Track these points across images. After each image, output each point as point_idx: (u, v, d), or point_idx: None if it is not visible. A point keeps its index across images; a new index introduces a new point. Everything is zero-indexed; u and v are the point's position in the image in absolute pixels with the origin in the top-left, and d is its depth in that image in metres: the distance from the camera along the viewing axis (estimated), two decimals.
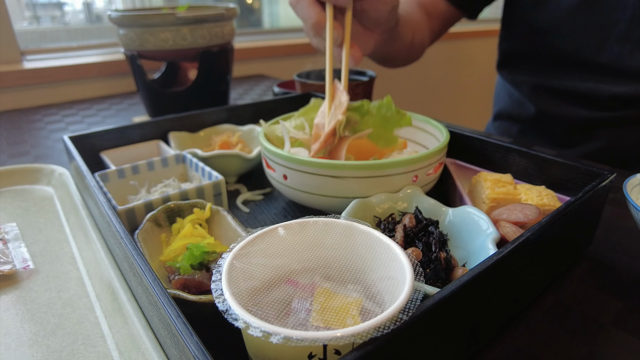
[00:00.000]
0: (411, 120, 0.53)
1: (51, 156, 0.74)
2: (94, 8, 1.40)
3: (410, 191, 0.45)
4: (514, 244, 0.31)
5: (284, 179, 0.47)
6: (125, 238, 0.34)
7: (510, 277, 0.33)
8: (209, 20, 0.81)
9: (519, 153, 0.49)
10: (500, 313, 0.34)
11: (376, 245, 0.30)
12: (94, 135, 0.58)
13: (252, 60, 1.46)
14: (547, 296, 0.39)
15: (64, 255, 0.44)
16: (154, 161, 0.55)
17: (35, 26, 1.29)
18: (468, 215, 0.40)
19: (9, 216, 0.51)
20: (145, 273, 0.30)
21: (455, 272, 0.35)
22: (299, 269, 0.31)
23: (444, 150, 0.48)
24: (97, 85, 1.18)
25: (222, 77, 0.91)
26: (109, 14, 0.81)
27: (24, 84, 1.08)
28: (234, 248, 0.28)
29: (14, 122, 0.95)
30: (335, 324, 0.25)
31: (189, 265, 0.37)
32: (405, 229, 0.39)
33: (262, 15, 1.78)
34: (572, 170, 0.45)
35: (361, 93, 0.81)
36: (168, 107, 0.86)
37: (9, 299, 0.38)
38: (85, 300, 0.38)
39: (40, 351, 0.32)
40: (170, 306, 0.26)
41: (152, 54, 0.83)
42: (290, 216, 0.53)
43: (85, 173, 0.45)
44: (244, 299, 0.26)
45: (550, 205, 0.41)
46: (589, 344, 0.34)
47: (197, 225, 0.43)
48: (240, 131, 0.67)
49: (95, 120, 0.95)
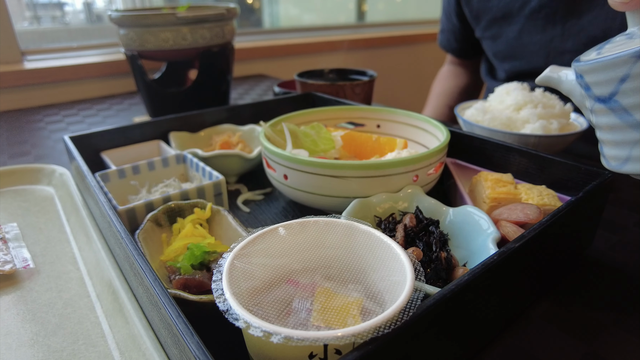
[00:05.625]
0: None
1: (52, 156, 0.74)
2: (94, 8, 1.40)
3: (411, 191, 0.45)
4: (515, 243, 0.31)
5: (284, 178, 0.47)
6: (125, 238, 0.34)
7: (511, 277, 0.33)
8: (210, 20, 0.81)
9: (520, 153, 0.49)
10: (500, 313, 0.34)
11: (377, 245, 0.30)
12: (94, 135, 0.58)
13: (253, 60, 1.46)
14: (548, 296, 0.39)
15: (65, 255, 0.44)
16: (154, 161, 0.55)
17: (36, 26, 1.29)
18: (469, 215, 0.40)
19: (9, 216, 0.51)
20: (146, 273, 0.30)
21: (455, 272, 0.35)
22: (299, 268, 0.31)
23: (444, 150, 0.48)
24: (97, 85, 1.18)
25: (223, 77, 0.91)
26: (109, 14, 0.81)
27: (25, 84, 1.08)
28: (234, 248, 0.28)
29: (15, 122, 0.95)
30: (335, 323, 0.25)
31: (190, 265, 0.37)
32: (406, 229, 0.39)
33: (263, 15, 1.78)
34: (572, 170, 0.45)
35: (361, 93, 0.81)
36: (168, 107, 0.86)
37: (10, 299, 0.38)
38: (86, 300, 0.38)
39: (41, 351, 0.32)
40: (170, 306, 0.26)
41: (153, 54, 0.83)
42: (291, 216, 0.53)
43: (86, 173, 0.45)
44: (245, 298, 0.26)
45: (551, 204, 0.41)
46: (589, 344, 0.34)
47: (197, 225, 0.43)
48: (240, 131, 0.67)
49: (96, 120, 0.96)
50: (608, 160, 0.34)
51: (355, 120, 0.63)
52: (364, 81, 0.81)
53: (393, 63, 1.88)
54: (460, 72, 1.13)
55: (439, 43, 1.11)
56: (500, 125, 0.65)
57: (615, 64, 0.30)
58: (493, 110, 0.68)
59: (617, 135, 0.32)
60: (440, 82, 1.15)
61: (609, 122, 0.32)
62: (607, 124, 0.33)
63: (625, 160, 0.32)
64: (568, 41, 0.77)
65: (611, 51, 0.31)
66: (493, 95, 0.73)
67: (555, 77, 0.38)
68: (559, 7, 0.76)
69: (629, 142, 0.31)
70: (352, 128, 0.63)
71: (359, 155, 0.56)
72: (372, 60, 1.80)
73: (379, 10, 2.11)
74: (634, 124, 0.31)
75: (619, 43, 0.32)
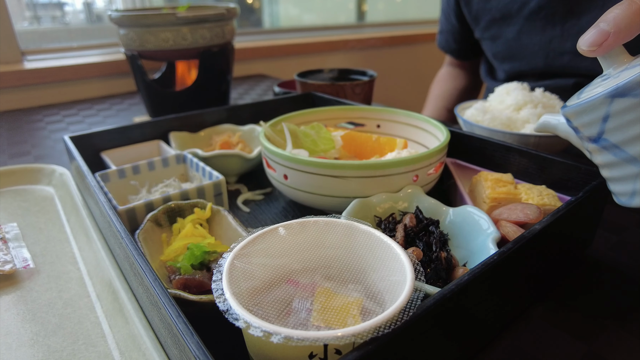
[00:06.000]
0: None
1: (52, 156, 0.74)
2: (94, 8, 1.40)
3: (411, 191, 0.45)
4: (515, 243, 0.31)
5: (284, 178, 0.47)
6: (125, 238, 0.34)
7: (511, 277, 0.33)
8: (210, 20, 0.81)
9: (520, 152, 0.49)
10: (500, 313, 0.34)
11: (377, 245, 0.30)
12: (94, 135, 0.58)
13: (253, 60, 1.46)
14: (548, 296, 0.39)
15: (65, 255, 0.44)
16: (154, 161, 0.55)
17: (36, 26, 1.29)
18: (469, 215, 0.40)
19: (9, 216, 0.51)
20: (146, 273, 0.30)
21: (455, 272, 0.35)
22: (299, 268, 0.31)
23: (444, 150, 0.48)
24: (97, 85, 1.18)
25: (223, 77, 0.91)
26: (109, 14, 0.81)
27: (25, 84, 1.08)
28: (234, 248, 0.28)
29: (15, 122, 0.95)
30: (335, 323, 0.25)
31: (190, 265, 0.37)
32: (406, 229, 0.39)
33: (263, 15, 1.78)
34: (572, 170, 0.45)
35: (361, 93, 0.81)
36: (168, 107, 0.86)
37: (10, 299, 0.38)
38: (86, 300, 0.38)
39: (41, 351, 0.32)
40: (171, 306, 0.26)
41: (153, 54, 0.83)
42: (291, 216, 0.53)
43: (86, 173, 0.45)
44: (245, 298, 0.26)
45: (551, 204, 0.41)
46: (589, 344, 0.34)
47: (197, 225, 0.43)
48: (240, 131, 0.67)
49: (96, 120, 0.96)
50: (618, 197, 0.35)
51: (355, 120, 0.63)
52: (364, 81, 0.81)
53: (393, 63, 1.88)
54: (459, 74, 1.13)
55: (437, 44, 1.10)
56: (500, 125, 0.65)
57: (594, 106, 0.31)
58: (493, 110, 0.68)
59: (617, 171, 0.33)
60: (439, 84, 1.15)
61: (606, 160, 0.33)
62: (605, 162, 0.33)
63: (632, 195, 0.33)
64: (567, 42, 0.77)
65: (590, 94, 0.33)
66: (493, 95, 0.73)
67: (552, 123, 0.39)
68: (558, 8, 0.76)
69: (630, 177, 0.32)
70: (352, 128, 0.63)
71: (359, 155, 0.56)
72: (372, 60, 1.80)
73: (379, 10, 2.11)
74: (629, 158, 0.31)
75: (596, 85, 0.34)
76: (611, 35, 0.31)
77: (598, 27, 0.32)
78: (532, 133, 0.61)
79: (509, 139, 0.61)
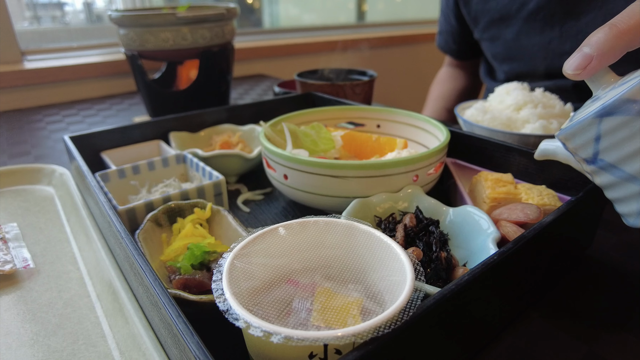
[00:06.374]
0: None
1: (52, 156, 0.74)
2: (94, 8, 1.40)
3: (411, 191, 0.45)
4: (515, 243, 0.31)
5: (284, 178, 0.47)
6: (125, 238, 0.34)
7: (511, 277, 0.33)
8: (210, 20, 0.81)
9: (520, 153, 0.49)
10: (500, 313, 0.34)
11: (377, 245, 0.30)
12: (94, 135, 0.58)
13: (253, 60, 1.46)
14: (548, 296, 0.39)
15: (65, 255, 0.44)
16: (154, 161, 0.55)
17: (36, 26, 1.29)
18: (469, 215, 0.40)
19: (9, 216, 0.51)
20: (146, 273, 0.30)
21: (455, 272, 0.35)
22: (299, 268, 0.31)
23: (444, 150, 0.48)
24: (97, 85, 1.18)
25: (223, 77, 0.91)
26: (109, 14, 0.81)
27: (25, 84, 1.08)
28: (234, 248, 0.28)
29: (15, 122, 0.95)
30: (336, 323, 0.25)
31: (190, 265, 0.37)
32: (406, 229, 0.39)
33: (263, 15, 1.78)
34: (572, 170, 0.45)
35: (361, 93, 0.81)
36: (168, 107, 0.86)
37: (10, 299, 0.38)
38: (86, 300, 0.38)
39: (41, 351, 0.32)
40: (171, 306, 0.26)
41: (153, 54, 0.83)
42: (291, 216, 0.53)
43: (86, 173, 0.45)
44: (245, 298, 0.26)
45: (551, 204, 0.41)
46: (589, 344, 0.34)
47: (197, 225, 0.43)
48: (240, 131, 0.67)
49: (96, 120, 0.96)
50: (626, 218, 0.34)
51: (355, 120, 0.63)
52: (364, 81, 0.81)
53: (393, 63, 1.88)
54: (458, 75, 1.13)
55: (437, 44, 1.10)
56: (500, 125, 0.65)
57: (584, 127, 0.32)
58: (493, 110, 0.68)
59: (619, 191, 0.33)
60: (438, 85, 1.15)
61: (606, 180, 0.33)
62: (605, 183, 0.33)
63: (638, 214, 0.32)
64: (566, 43, 0.77)
65: (580, 115, 0.33)
66: (493, 95, 0.73)
67: (550, 149, 0.39)
68: (557, 9, 0.76)
69: (633, 196, 0.32)
70: (352, 128, 0.63)
71: (359, 155, 0.56)
72: (372, 60, 1.80)
73: (379, 10, 2.11)
74: (628, 177, 0.31)
75: (587, 107, 0.34)
76: (594, 58, 0.32)
77: (581, 52, 0.33)
78: (532, 133, 0.61)
79: (509, 139, 0.61)
